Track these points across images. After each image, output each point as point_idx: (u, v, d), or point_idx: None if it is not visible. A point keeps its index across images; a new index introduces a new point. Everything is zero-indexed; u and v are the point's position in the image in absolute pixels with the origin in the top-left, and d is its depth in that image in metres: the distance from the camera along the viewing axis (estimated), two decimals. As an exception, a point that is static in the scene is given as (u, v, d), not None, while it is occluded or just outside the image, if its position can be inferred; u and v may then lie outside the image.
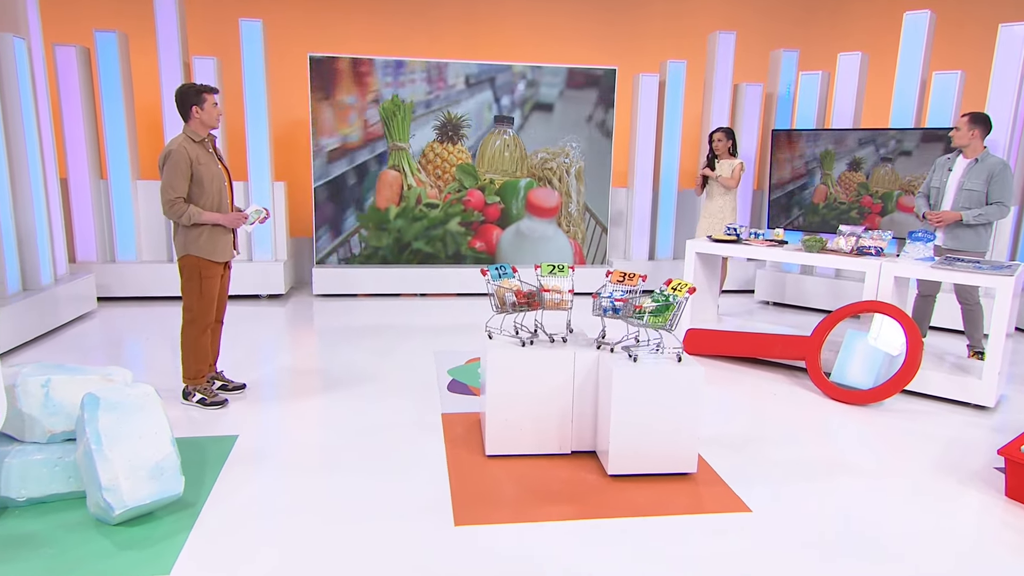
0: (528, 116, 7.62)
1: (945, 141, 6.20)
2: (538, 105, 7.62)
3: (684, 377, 3.53)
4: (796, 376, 5.23)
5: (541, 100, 7.62)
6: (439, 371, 5.21)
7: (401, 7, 8.31)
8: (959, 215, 5.08)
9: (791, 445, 4.08)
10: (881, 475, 3.72)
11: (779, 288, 7.66)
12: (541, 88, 7.60)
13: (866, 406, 4.65)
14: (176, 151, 4.04)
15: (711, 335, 5.65)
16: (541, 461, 3.76)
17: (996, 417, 4.54)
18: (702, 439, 4.03)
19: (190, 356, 4.30)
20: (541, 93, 7.61)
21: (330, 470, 3.65)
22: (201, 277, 4.22)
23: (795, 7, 9.11)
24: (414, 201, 7.56)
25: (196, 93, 4.12)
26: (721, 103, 7.89)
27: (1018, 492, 3.37)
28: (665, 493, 3.45)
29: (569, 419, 3.79)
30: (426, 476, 3.58)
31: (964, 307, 5.30)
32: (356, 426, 4.22)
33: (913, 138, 6.63)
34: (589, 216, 7.99)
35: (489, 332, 3.93)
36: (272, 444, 3.94)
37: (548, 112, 7.65)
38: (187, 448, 3.79)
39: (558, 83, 7.61)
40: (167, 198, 4.07)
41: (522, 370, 3.72)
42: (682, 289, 3.59)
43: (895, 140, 6.73)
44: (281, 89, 7.76)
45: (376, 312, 7.02)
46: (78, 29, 7.18)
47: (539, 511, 3.27)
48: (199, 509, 3.22)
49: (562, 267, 3.94)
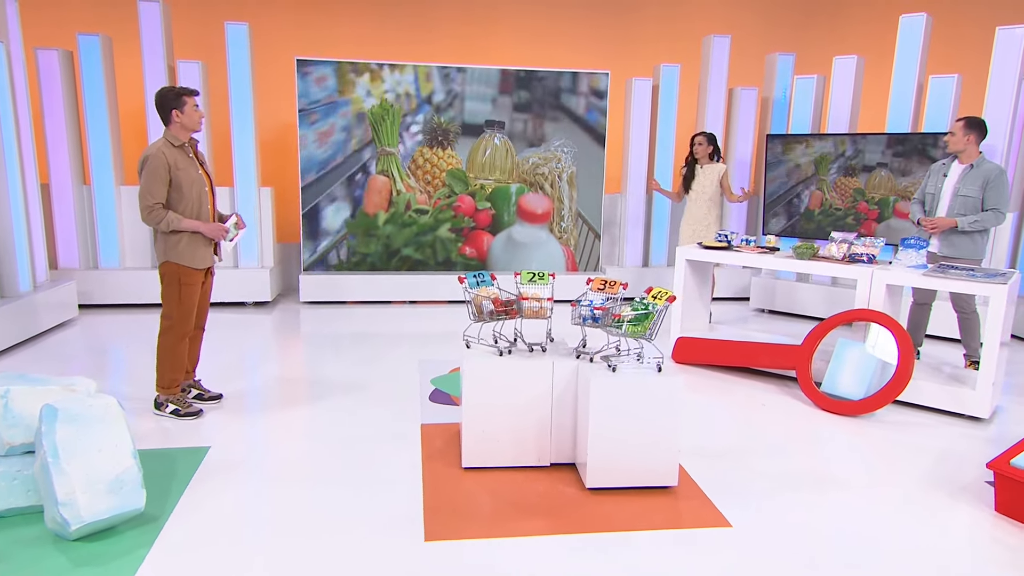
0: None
1: (940, 146, 6.10)
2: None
3: (664, 388, 3.42)
4: (788, 386, 5.11)
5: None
6: (423, 380, 5.11)
7: (393, 11, 8.23)
8: (954, 221, 4.97)
9: (778, 457, 3.97)
10: (868, 488, 3.61)
11: (774, 296, 7.54)
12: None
13: (857, 417, 4.54)
14: (155, 156, 3.95)
15: (701, 344, 5.54)
16: (518, 474, 3.66)
17: (991, 429, 4.42)
18: (686, 451, 3.93)
19: (166, 364, 4.21)
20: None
21: (301, 483, 3.55)
22: (181, 284, 4.13)
23: (794, 11, 9.02)
24: (403, 207, 7.46)
25: (176, 96, 4.03)
26: (716, 107, 7.79)
27: (1008, 507, 3.25)
28: (643, 507, 3.34)
29: (548, 431, 3.69)
30: (400, 489, 3.48)
31: (960, 316, 5.19)
32: (332, 437, 4.12)
33: (880, 145, 6.53)
34: (581, 222, 7.89)
35: (467, 341, 3.83)
36: (244, 456, 3.84)
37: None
38: (157, 460, 3.70)
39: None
40: (145, 204, 3.98)
41: (499, 380, 3.63)
42: (662, 297, 3.49)
43: (882, 147, 6.63)
44: (268, 93, 7.68)
45: (364, 320, 6.92)
46: (61, 33, 7.11)
47: (513, 526, 3.17)
48: (162, 524, 3.13)
49: (542, 275, 3.84)
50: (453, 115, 7.41)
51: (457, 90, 7.38)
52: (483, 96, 7.45)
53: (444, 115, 7.39)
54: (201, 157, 4.27)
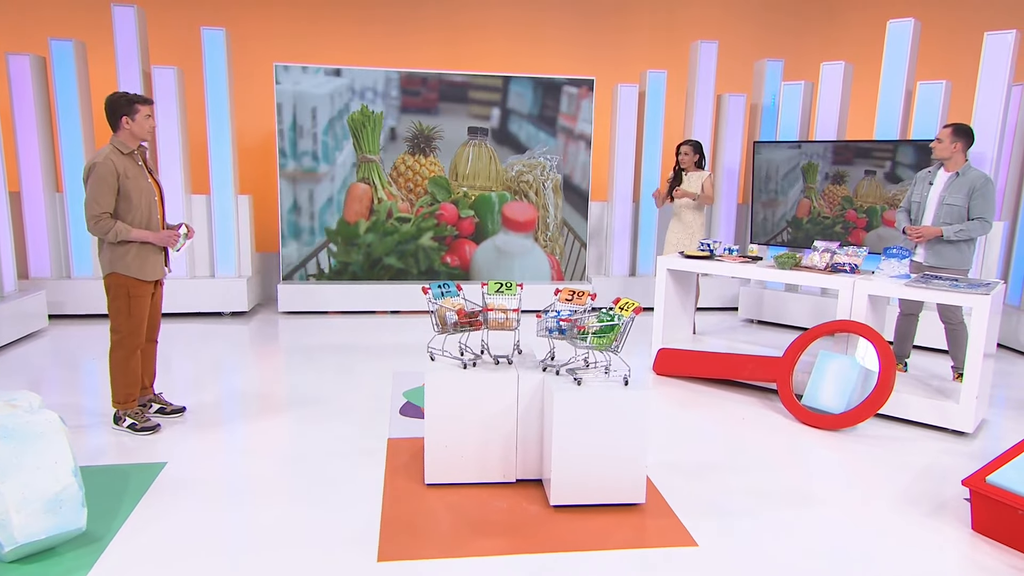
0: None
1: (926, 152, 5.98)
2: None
3: (630, 402, 3.30)
4: (770, 399, 4.98)
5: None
6: (395, 393, 4.98)
7: (376, 15, 8.14)
8: (939, 231, 4.85)
9: (753, 473, 3.84)
10: (843, 506, 3.47)
11: (762, 306, 7.42)
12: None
13: (839, 431, 4.40)
14: (102, 164, 3.82)
15: (682, 355, 5.42)
16: (482, 490, 3.53)
17: (974, 443, 4.29)
18: (659, 465, 3.81)
19: (119, 379, 4.08)
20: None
21: (256, 500, 3.43)
22: (130, 296, 4.00)
23: (785, 16, 8.90)
24: (385, 215, 7.35)
25: (128, 103, 3.91)
26: (703, 114, 7.68)
27: (985, 526, 3.12)
28: (608, 526, 3.21)
29: (513, 446, 3.57)
30: (358, 507, 3.36)
31: (947, 327, 5.05)
32: (295, 452, 4.00)
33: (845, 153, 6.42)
34: (567, 231, 7.77)
35: (431, 353, 3.71)
36: (202, 472, 3.71)
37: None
38: (110, 476, 3.59)
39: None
40: (91, 213, 3.84)
41: (463, 394, 3.51)
42: (628, 308, 3.37)
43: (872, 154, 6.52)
44: (248, 100, 7.58)
45: (343, 330, 6.80)
46: (33, 38, 7.00)
47: (470, 545, 3.04)
48: (106, 543, 3.00)
49: (510, 285, 3.72)
50: (435, 122, 7.30)
51: (437, 96, 7.27)
52: (466, 102, 7.34)
53: (426, 121, 7.28)
54: (150, 165, 4.14)
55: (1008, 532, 3.06)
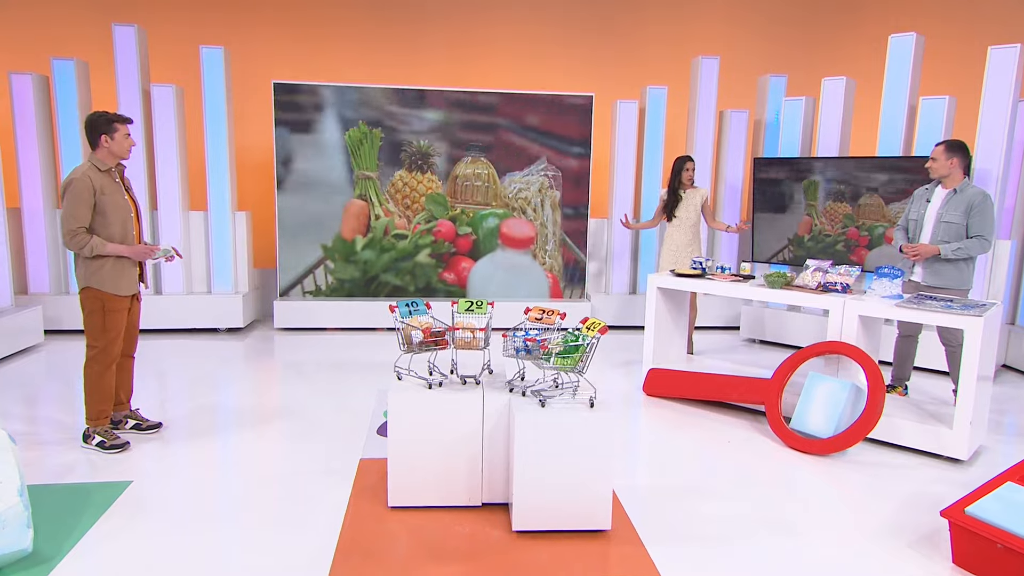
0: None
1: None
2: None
3: (594, 424, 3.20)
4: (761, 421, 4.84)
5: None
6: (376, 411, 4.91)
7: (378, 34, 8.16)
8: (937, 249, 4.69)
9: (732, 499, 3.71)
10: (821, 536, 3.33)
11: (764, 325, 7.26)
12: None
13: (827, 456, 4.25)
14: (79, 180, 3.86)
15: (672, 376, 5.29)
16: (446, 514, 3.44)
17: (969, 471, 4.11)
18: (634, 490, 3.70)
19: (94, 395, 4.06)
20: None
21: (214, 521, 3.37)
22: (105, 311, 4.00)
23: (791, 30, 8.79)
24: (382, 232, 7.32)
25: (107, 122, 3.97)
26: (705, 130, 7.57)
27: (965, 559, 2.97)
28: (569, 553, 3.11)
29: (479, 469, 3.48)
30: (318, 529, 3.28)
31: (947, 349, 4.89)
32: (263, 471, 3.94)
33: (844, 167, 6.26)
34: (565, 247, 7.68)
35: (398, 373, 3.64)
36: (166, 491, 3.66)
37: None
38: (70, 495, 3.56)
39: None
40: (68, 228, 3.87)
41: (427, 414, 3.43)
42: (594, 329, 3.28)
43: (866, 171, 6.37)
44: (247, 117, 7.61)
45: (338, 347, 6.75)
46: (36, 57, 7.10)
47: (425, 571, 2.96)
48: (53, 565, 2.96)
49: (480, 304, 3.65)
50: (432, 139, 7.27)
51: (435, 113, 7.25)
52: (465, 119, 7.30)
53: (424, 138, 7.25)
54: (127, 182, 4.17)
55: (988, 566, 2.91)
